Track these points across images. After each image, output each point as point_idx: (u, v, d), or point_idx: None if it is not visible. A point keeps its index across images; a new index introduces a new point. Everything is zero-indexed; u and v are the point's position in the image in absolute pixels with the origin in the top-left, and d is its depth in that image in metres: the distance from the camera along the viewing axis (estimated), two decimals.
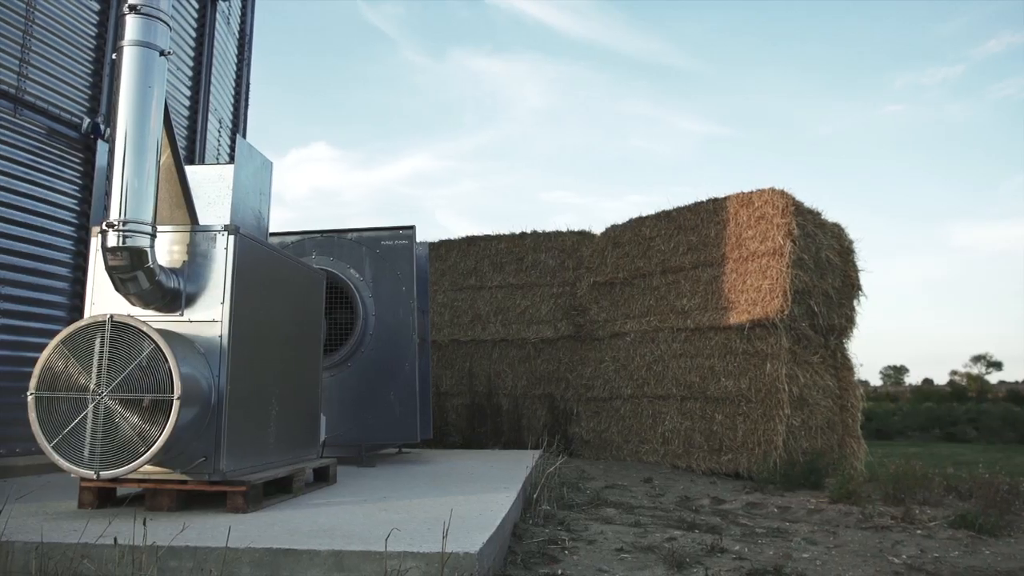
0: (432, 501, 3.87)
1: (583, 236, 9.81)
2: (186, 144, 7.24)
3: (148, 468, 3.34)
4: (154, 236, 3.39)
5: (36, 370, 3.22)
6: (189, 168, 4.08)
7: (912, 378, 66.56)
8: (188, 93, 7.31)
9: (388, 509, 3.59)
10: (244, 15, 9.15)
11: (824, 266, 7.53)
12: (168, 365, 3.20)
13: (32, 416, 3.19)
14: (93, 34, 5.90)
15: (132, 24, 3.40)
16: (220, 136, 8.13)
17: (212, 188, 4.17)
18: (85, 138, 5.80)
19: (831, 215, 7.89)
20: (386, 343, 6.16)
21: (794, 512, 5.11)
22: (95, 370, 3.20)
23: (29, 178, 5.30)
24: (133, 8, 3.40)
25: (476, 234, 10.37)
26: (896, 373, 68.44)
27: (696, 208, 8.28)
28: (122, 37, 3.41)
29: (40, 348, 3.36)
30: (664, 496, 5.72)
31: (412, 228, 6.35)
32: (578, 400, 9.19)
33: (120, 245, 3.28)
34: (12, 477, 4.70)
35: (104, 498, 3.55)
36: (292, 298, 4.38)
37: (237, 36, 8.94)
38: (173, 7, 4.01)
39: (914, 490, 5.67)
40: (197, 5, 7.47)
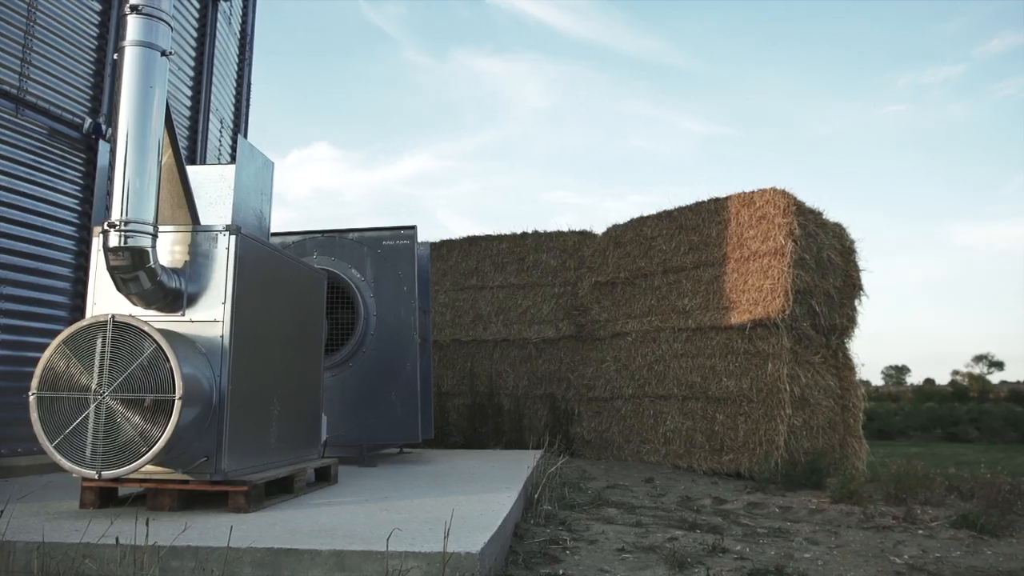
0: (433, 501, 3.87)
1: (584, 236, 9.80)
2: (187, 144, 7.25)
3: (150, 468, 3.34)
4: (156, 236, 3.40)
5: (38, 370, 3.23)
6: (190, 168, 4.08)
7: (914, 378, 66.59)
8: (189, 93, 7.31)
9: (389, 509, 3.59)
10: (245, 15, 9.16)
11: (825, 266, 7.52)
12: (170, 365, 3.20)
13: (34, 416, 3.19)
14: (95, 34, 5.90)
15: (133, 24, 3.41)
16: (221, 136, 8.13)
17: (213, 188, 4.17)
18: (87, 138, 5.80)
19: (832, 215, 7.90)
20: (387, 343, 6.17)
21: (795, 512, 5.11)
22: (97, 370, 3.20)
23: (31, 178, 5.31)
24: (134, 8, 3.40)
25: (477, 234, 10.38)
26: (898, 373, 68.45)
27: (697, 208, 8.28)
28: (123, 37, 3.41)
29: (42, 348, 3.36)
30: (665, 496, 5.72)
31: (413, 228, 6.35)
32: (579, 400, 9.19)
33: (122, 245, 3.28)
34: (14, 477, 4.71)
35: (106, 498, 3.56)
36: (293, 298, 4.38)
37: (238, 36, 8.94)
38: (174, 7, 4.01)
39: (916, 490, 5.66)
40: (198, 5, 7.47)
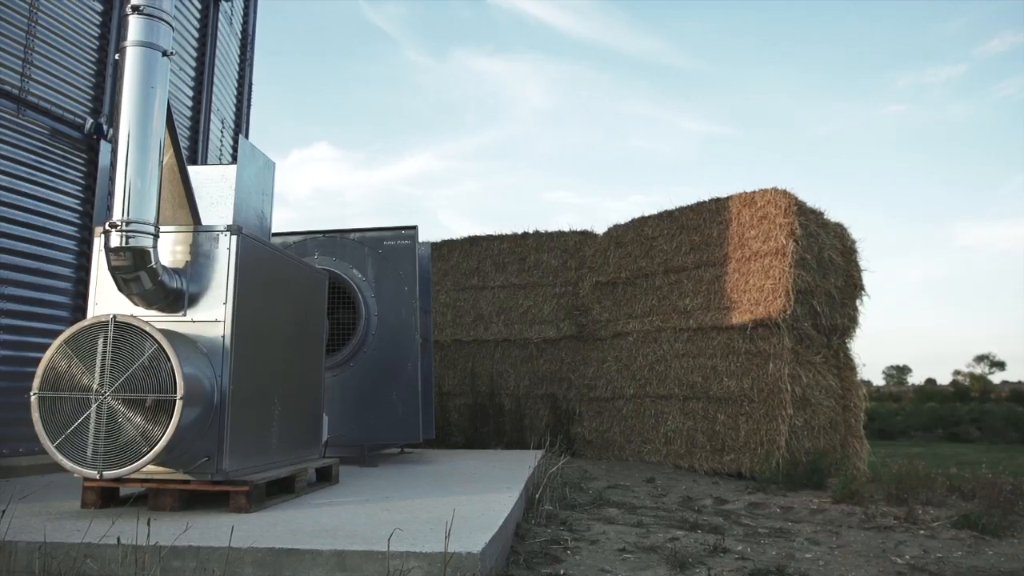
0: (434, 501, 3.87)
1: (585, 236, 9.80)
2: (189, 144, 7.25)
3: (151, 468, 3.35)
4: (157, 236, 3.40)
5: (39, 370, 3.23)
6: (192, 168, 4.08)
7: (915, 378, 66.53)
8: (191, 93, 7.32)
9: (391, 509, 3.59)
10: (246, 15, 9.16)
11: (827, 266, 7.52)
12: (171, 365, 3.20)
13: (35, 416, 3.19)
14: (96, 35, 5.91)
15: (135, 25, 3.41)
16: (223, 136, 8.14)
17: (215, 188, 4.17)
18: (88, 138, 5.81)
19: (833, 215, 7.90)
20: (388, 343, 6.17)
21: (797, 512, 5.11)
22: (98, 370, 3.21)
23: (32, 178, 5.31)
24: (136, 9, 3.40)
25: (478, 234, 10.38)
26: (899, 373, 68.41)
27: (698, 208, 8.27)
28: (125, 38, 3.42)
29: (43, 348, 3.36)
30: (666, 496, 5.72)
31: (414, 228, 6.35)
32: (580, 400, 9.18)
33: (123, 245, 3.28)
34: (15, 477, 4.72)
35: (107, 498, 3.56)
36: (295, 298, 4.38)
37: (239, 36, 8.94)
38: (176, 7, 4.01)
39: (917, 490, 5.66)
40: (200, 5, 7.48)
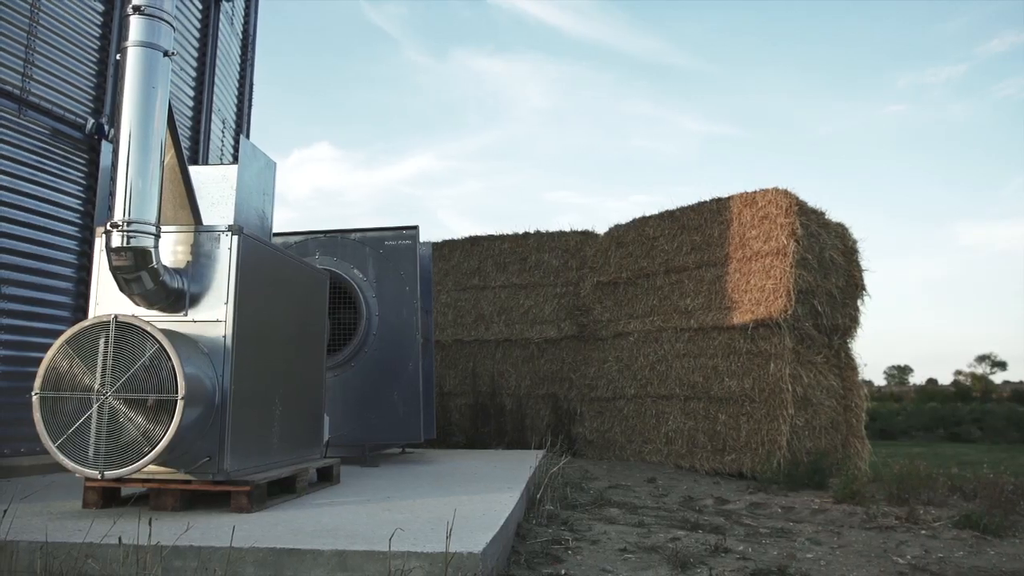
0: (436, 501, 3.87)
1: (586, 236, 9.80)
2: (190, 144, 7.26)
3: (152, 468, 3.35)
4: (158, 236, 3.40)
5: (41, 370, 3.23)
6: (193, 168, 4.08)
7: (916, 378, 66.52)
8: (192, 94, 7.32)
9: (392, 509, 3.59)
10: (247, 15, 9.16)
11: (828, 266, 7.51)
12: (172, 365, 3.20)
13: (37, 416, 3.20)
14: (97, 35, 5.91)
15: (136, 25, 3.41)
16: (224, 136, 8.14)
17: (216, 188, 4.17)
18: (89, 139, 5.81)
19: (835, 215, 7.89)
20: (390, 343, 6.17)
21: (798, 512, 5.10)
22: (99, 370, 3.21)
23: (33, 178, 5.31)
24: (137, 9, 3.40)
25: (479, 234, 10.37)
26: (900, 373, 68.37)
27: (700, 208, 8.27)
28: (126, 38, 3.42)
29: (44, 348, 3.37)
30: (668, 496, 5.72)
31: (416, 228, 6.35)
32: (581, 400, 9.18)
33: (124, 245, 3.28)
34: (17, 477, 4.72)
35: (108, 498, 3.56)
36: (296, 298, 4.38)
37: (240, 36, 8.95)
38: (177, 8, 4.01)
39: (918, 490, 5.66)
40: (201, 6, 7.48)
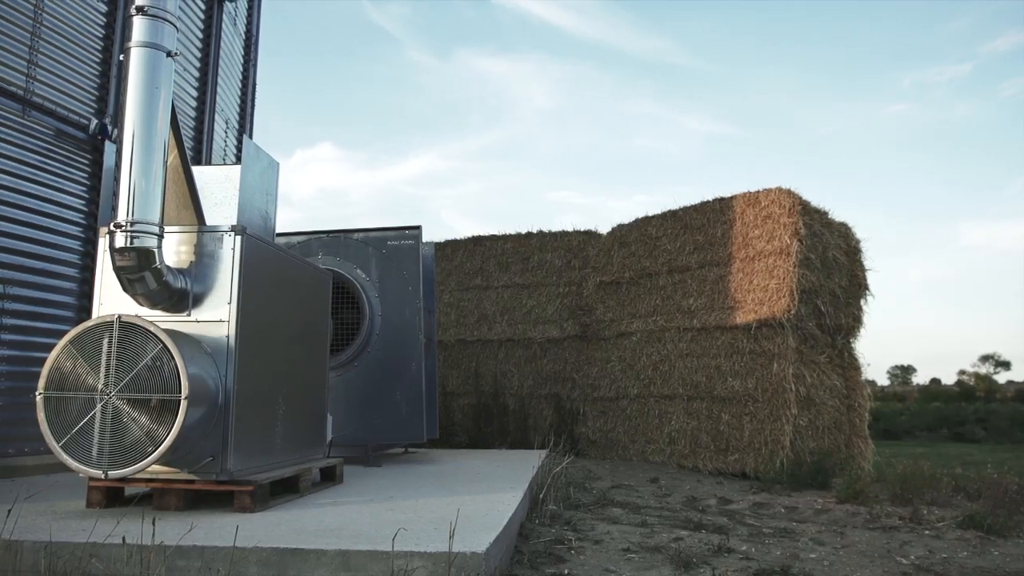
0: (438, 501, 3.87)
1: (589, 236, 9.79)
2: (193, 145, 7.27)
3: (156, 468, 3.35)
4: (161, 237, 3.41)
5: (44, 370, 3.24)
6: (196, 169, 4.09)
7: (919, 378, 66.43)
8: (195, 94, 7.33)
9: (395, 509, 3.59)
10: (250, 16, 9.17)
11: (831, 265, 7.50)
12: (175, 365, 3.21)
13: (41, 416, 3.20)
14: (100, 35, 5.92)
15: (139, 25, 3.41)
16: (227, 137, 8.15)
17: (219, 189, 4.18)
18: (93, 139, 5.82)
19: (837, 214, 7.88)
20: (392, 343, 6.17)
21: (801, 512, 5.10)
22: (103, 370, 3.22)
23: (37, 179, 5.33)
24: (140, 9, 3.41)
25: (482, 234, 10.37)
26: (903, 373, 68.26)
27: (702, 208, 8.26)
28: (129, 38, 3.42)
29: (48, 348, 3.37)
30: (670, 496, 5.71)
31: (418, 228, 6.35)
32: (584, 400, 9.18)
33: (128, 246, 3.29)
34: (21, 477, 4.73)
35: (112, 498, 3.57)
36: (299, 298, 4.39)
37: (243, 37, 8.96)
38: (180, 8, 4.02)
39: (922, 490, 5.65)
40: (204, 6, 7.49)
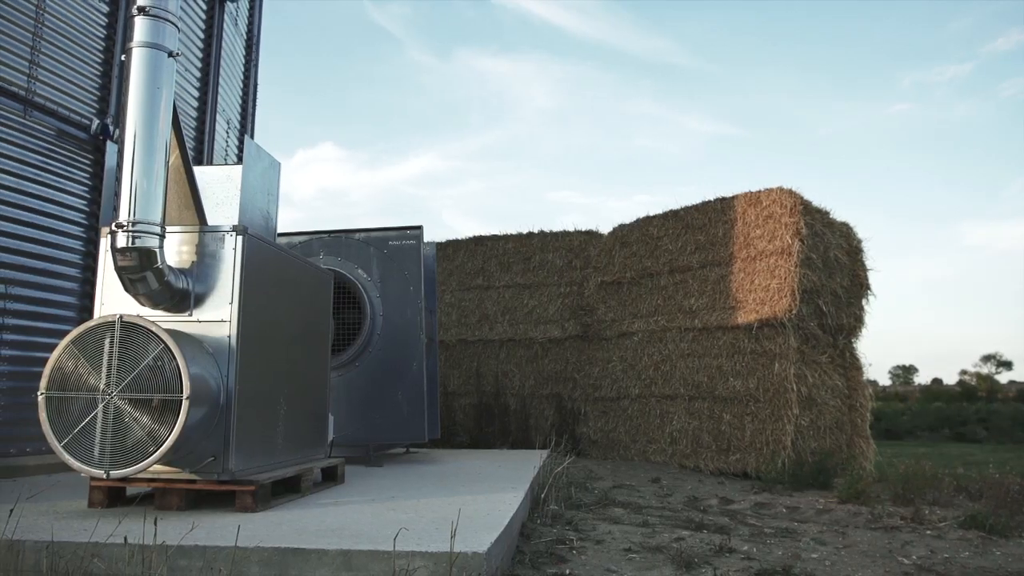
0: (440, 501, 3.87)
1: (590, 236, 9.79)
2: (194, 145, 7.28)
3: (157, 467, 3.36)
4: (163, 237, 3.41)
5: (46, 370, 3.24)
6: (197, 169, 4.09)
7: (921, 378, 66.37)
8: (196, 94, 7.34)
9: (396, 509, 3.59)
10: (251, 16, 9.18)
11: (832, 265, 7.50)
12: (177, 365, 3.21)
13: (42, 416, 3.21)
14: (102, 36, 5.93)
15: (141, 25, 3.42)
16: (228, 137, 8.16)
17: (220, 189, 4.18)
18: (94, 139, 5.83)
19: (839, 214, 7.88)
20: (394, 343, 6.17)
21: (803, 512, 5.09)
22: (105, 370, 3.22)
23: (39, 179, 5.33)
24: (142, 10, 3.42)
25: (483, 234, 10.37)
26: (905, 373, 68.18)
27: (704, 207, 8.26)
28: (131, 38, 3.43)
29: (50, 348, 3.38)
30: (672, 496, 5.71)
31: (419, 228, 6.35)
32: (586, 400, 9.18)
33: (129, 246, 3.29)
34: (23, 476, 4.74)
35: (114, 497, 3.57)
36: (300, 298, 4.39)
37: (244, 37, 8.97)
38: (181, 8, 4.03)
39: (924, 490, 5.64)
40: (205, 6, 7.50)
